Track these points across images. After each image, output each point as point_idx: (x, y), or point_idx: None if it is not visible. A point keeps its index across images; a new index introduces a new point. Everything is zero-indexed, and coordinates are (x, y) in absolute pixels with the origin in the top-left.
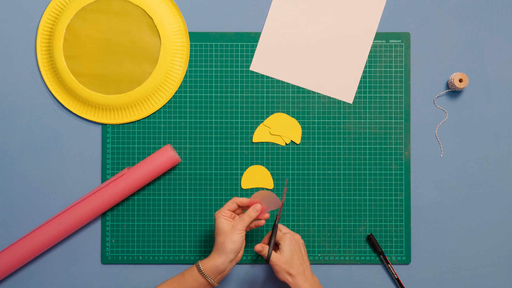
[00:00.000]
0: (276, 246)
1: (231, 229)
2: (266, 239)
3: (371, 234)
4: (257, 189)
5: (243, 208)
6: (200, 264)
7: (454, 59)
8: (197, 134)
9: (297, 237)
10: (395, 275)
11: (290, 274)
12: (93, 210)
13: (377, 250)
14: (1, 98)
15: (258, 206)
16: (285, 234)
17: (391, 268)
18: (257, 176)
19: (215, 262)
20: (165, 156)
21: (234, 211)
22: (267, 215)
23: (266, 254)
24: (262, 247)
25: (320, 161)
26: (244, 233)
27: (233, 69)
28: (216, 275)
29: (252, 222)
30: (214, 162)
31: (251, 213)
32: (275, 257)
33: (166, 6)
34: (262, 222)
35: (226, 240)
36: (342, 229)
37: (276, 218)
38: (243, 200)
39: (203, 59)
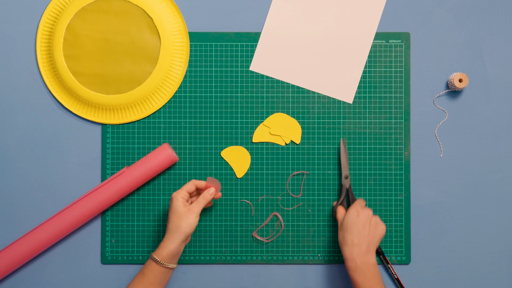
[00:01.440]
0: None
1: (187, 212)
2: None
3: None
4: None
5: (200, 191)
6: (155, 256)
7: (454, 59)
8: (197, 134)
9: (367, 213)
10: (395, 275)
11: (343, 241)
12: (92, 208)
13: (377, 250)
14: (1, 98)
15: (212, 190)
16: (356, 203)
17: (391, 268)
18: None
19: (169, 249)
20: (163, 155)
21: (191, 194)
22: (219, 195)
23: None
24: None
25: (320, 161)
26: (199, 216)
27: (233, 69)
28: (173, 259)
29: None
30: (214, 162)
31: (206, 195)
32: (340, 214)
33: (166, 6)
34: (219, 195)
35: (182, 222)
36: None
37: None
38: (201, 183)
39: (203, 59)
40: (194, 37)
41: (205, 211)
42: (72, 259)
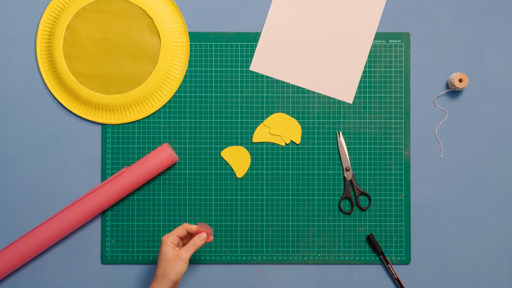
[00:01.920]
0: None
1: (175, 258)
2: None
3: (371, 234)
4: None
5: (191, 235)
6: None
7: (454, 59)
8: (197, 134)
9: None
10: (395, 275)
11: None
12: (93, 208)
13: (377, 250)
14: (1, 98)
15: (203, 235)
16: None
17: (391, 268)
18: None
19: None
20: (163, 155)
21: (182, 238)
22: (211, 238)
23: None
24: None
25: (320, 161)
26: (188, 262)
27: (233, 69)
28: None
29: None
30: (214, 162)
31: (197, 241)
32: None
33: (166, 6)
34: (210, 239)
35: (169, 269)
36: (342, 229)
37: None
38: (192, 227)
39: (203, 59)
40: (194, 37)
41: (205, 213)
42: (72, 259)
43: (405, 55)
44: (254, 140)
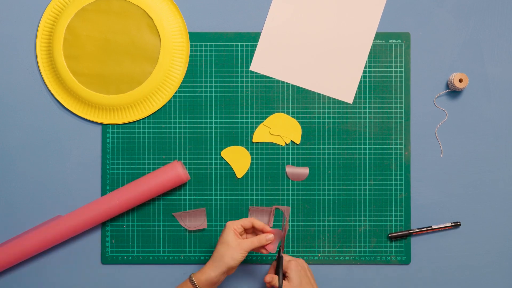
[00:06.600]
0: (283, 275)
1: (236, 246)
2: (272, 269)
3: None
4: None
5: (254, 231)
6: (194, 279)
7: (454, 59)
8: (197, 134)
9: (301, 262)
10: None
11: None
12: (92, 219)
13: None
14: (1, 98)
15: (270, 236)
16: (290, 261)
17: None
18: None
19: (209, 276)
20: (172, 173)
21: (245, 230)
22: (272, 247)
23: (277, 284)
24: (271, 278)
25: (320, 161)
26: (246, 254)
27: (233, 69)
28: (211, 287)
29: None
30: (214, 162)
31: (262, 239)
32: (285, 285)
33: (166, 6)
34: (271, 247)
35: (227, 255)
36: (342, 229)
37: (280, 249)
38: (259, 224)
39: (203, 59)
40: (194, 37)
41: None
42: (72, 259)
43: (405, 55)
44: (254, 140)
